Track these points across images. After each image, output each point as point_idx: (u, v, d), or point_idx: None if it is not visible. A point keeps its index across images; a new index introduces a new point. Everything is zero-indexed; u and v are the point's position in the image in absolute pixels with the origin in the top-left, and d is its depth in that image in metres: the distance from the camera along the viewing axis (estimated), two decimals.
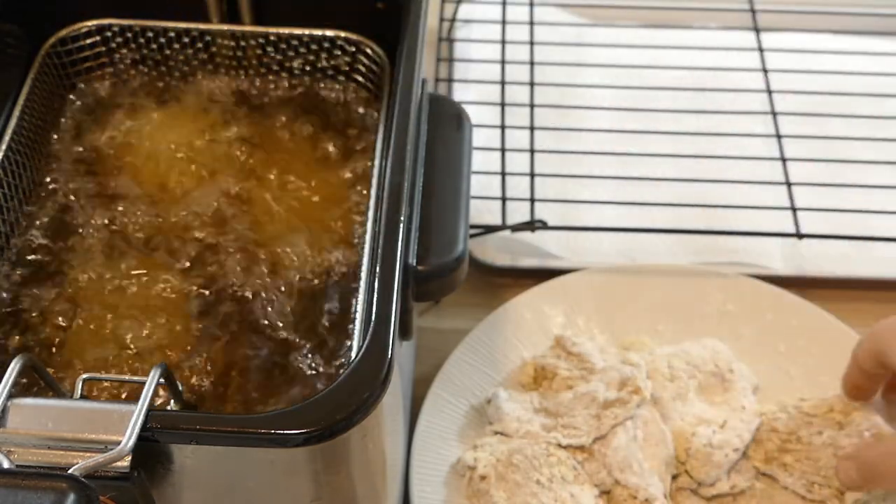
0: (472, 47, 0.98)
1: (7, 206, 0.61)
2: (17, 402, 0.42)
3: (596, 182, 0.86)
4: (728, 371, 0.73)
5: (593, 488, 0.67)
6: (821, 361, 0.75)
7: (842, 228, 0.83)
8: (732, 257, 0.82)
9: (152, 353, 0.56)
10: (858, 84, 0.95)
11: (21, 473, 0.38)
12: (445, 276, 0.54)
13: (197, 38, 0.68)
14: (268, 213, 0.63)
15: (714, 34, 1.01)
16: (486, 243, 0.82)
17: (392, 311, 0.46)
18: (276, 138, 0.67)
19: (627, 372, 0.70)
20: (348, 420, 0.43)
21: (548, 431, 0.69)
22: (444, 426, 0.71)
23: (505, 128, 0.89)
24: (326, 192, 0.64)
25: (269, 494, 0.47)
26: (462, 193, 0.58)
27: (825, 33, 1.01)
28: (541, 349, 0.75)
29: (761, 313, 0.77)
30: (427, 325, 0.79)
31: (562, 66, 0.96)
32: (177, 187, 0.64)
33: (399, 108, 0.56)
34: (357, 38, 0.68)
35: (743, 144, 0.90)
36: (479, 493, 0.67)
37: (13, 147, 0.61)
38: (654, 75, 0.96)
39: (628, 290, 0.78)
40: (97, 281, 0.59)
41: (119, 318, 0.58)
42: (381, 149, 0.63)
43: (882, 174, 0.88)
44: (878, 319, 0.80)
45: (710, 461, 0.67)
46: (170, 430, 0.42)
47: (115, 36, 0.68)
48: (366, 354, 0.45)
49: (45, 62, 0.66)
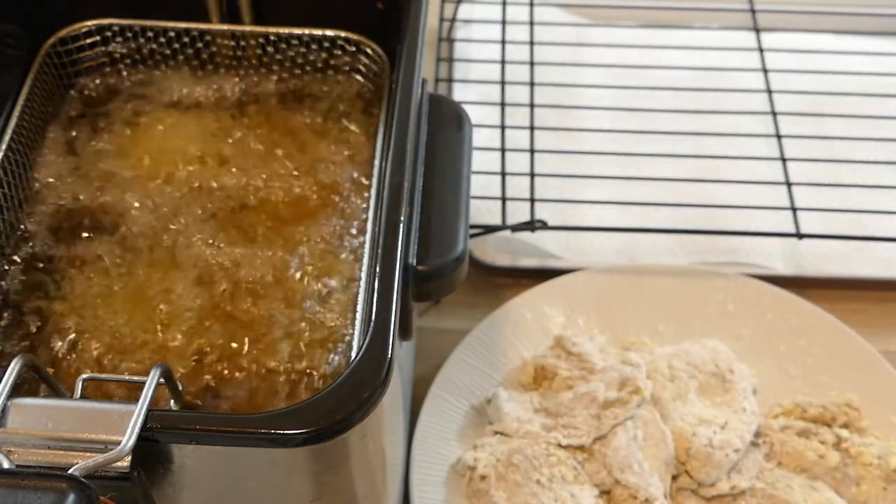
0: (472, 47, 0.98)
1: (7, 205, 0.60)
2: (17, 402, 0.42)
3: (596, 182, 0.86)
4: (728, 371, 0.73)
5: (593, 488, 0.67)
6: (821, 361, 0.75)
7: (842, 228, 0.83)
8: (732, 257, 0.82)
9: (152, 353, 0.56)
10: (858, 84, 0.95)
11: (21, 473, 0.38)
12: (445, 276, 0.53)
13: (197, 38, 0.68)
14: (267, 213, 0.63)
15: (714, 34, 1.01)
16: (486, 243, 0.82)
17: (392, 311, 0.46)
18: (275, 138, 0.67)
19: (627, 372, 0.70)
20: (348, 420, 0.42)
21: (548, 431, 0.69)
22: (444, 426, 0.71)
23: (505, 128, 0.89)
24: (326, 192, 0.64)
25: (269, 494, 0.47)
26: (462, 193, 0.58)
27: (825, 33, 1.01)
28: (541, 349, 0.75)
29: (761, 313, 0.77)
30: (427, 325, 0.79)
31: (562, 66, 0.96)
32: (177, 186, 0.64)
33: (399, 108, 0.56)
34: (357, 38, 0.68)
35: (743, 144, 0.90)
36: (479, 493, 0.67)
37: (13, 147, 0.61)
38: (654, 75, 0.96)
39: (628, 290, 0.78)
40: (97, 281, 0.59)
41: (118, 319, 0.58)
42: (381, 149, 0.63)
43: (882, 174, 0.88)
44: (878, 319, 0.81)
45: (710, 461, 0.67)
46: (170, 430, 0.42)
47: (115, 36, 0.68)
48: (366, 354, 0.45)
49: (44, 62, 0.66)
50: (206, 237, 0.61)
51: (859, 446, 0.68)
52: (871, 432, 0.71)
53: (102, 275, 0.60)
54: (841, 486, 0.68)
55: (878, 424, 0.72)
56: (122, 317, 0.58)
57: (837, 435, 0.69)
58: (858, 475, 0.68)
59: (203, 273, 0.60)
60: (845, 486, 0.68)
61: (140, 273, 0.60)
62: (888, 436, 0.71)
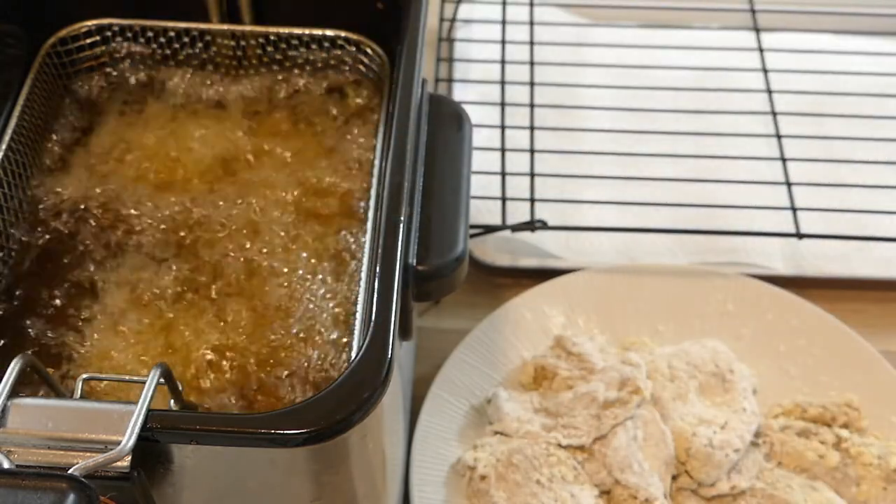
0: (472, 47, 0.98)
1: (7, 205, 0.61)
2: (17, 402, 0.42)
3: (596, 182, 0.86)
4: (728, 371, 0.73)
5: (593, 488, 0.67)
6: (821, 361, 0.75)
7: (842, 228, 0.83)
8: (732, 257, 0.82)
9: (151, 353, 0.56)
10: (858, 84, 0.95)
11: (21, 473, 0.38)
12: (445, 276, 0.54)
13: (197, 38, 0.68)
14: (267, 213, 0.63)
15: (714, 34, 1.01)
16: (486, 243, 0.82)
17: (392, 311, 0.46)
18: (275, 138, 0.67)
19: (627, 372, 0.70)
20: (348, 420, 0.42)
21: (548, 431, 0.69)
22: (444, 426, 0.71)
23: (505, 128, 0.89)
24: (326, 192, 0.64)
25: (269, 494, 0.47)
26: (462, 193, 0.58)
27: (825, 33, 1.01)
28: (541, 349, 0.75)
29: (761, 313, 0.77)
30: (427, 325, 0.79)
31: (562, 66, 0.96)
32: (177, 186, 0.64)
33: (399, 108, 0.56)
34: (357, 37, 0.68)
35: (743, 144, 0.90)
36: (479, 493, 0.67)
37: (13, 147, 0.61)
38: (654, 75, 0.96)
39: (628, 290, 0.78)
40: (97, 281, 0.59)
41: (119, 318, 0.58)
42: (381, 149, 0.63)
43: (882, 174, 0.88)
44: (878, 319, 0.81)
45: (710, 461, 0.67)
46: (170, 430, 0.42)
47: (115, 36, 0.68)
48: (366, 354, 0.45)
49: (44, 62, 0.66)
50: (207, 236, 0.61)
51: (859, 446, 0.68)
52: (871, 432, 0.71)
53: (104, 275, 0.60)
54: (841, 486, 0.68)
55: (878, 424, 0.72)
56: (123, 316, 0.58)
57: (837, 435, 0.69)
58: (858, 475, 0.68)
59: (203, 272, 0.60)
60: (845, 486, 0.68)
61: (141, 271, 0.60)
62: (888, 436, 0.71)
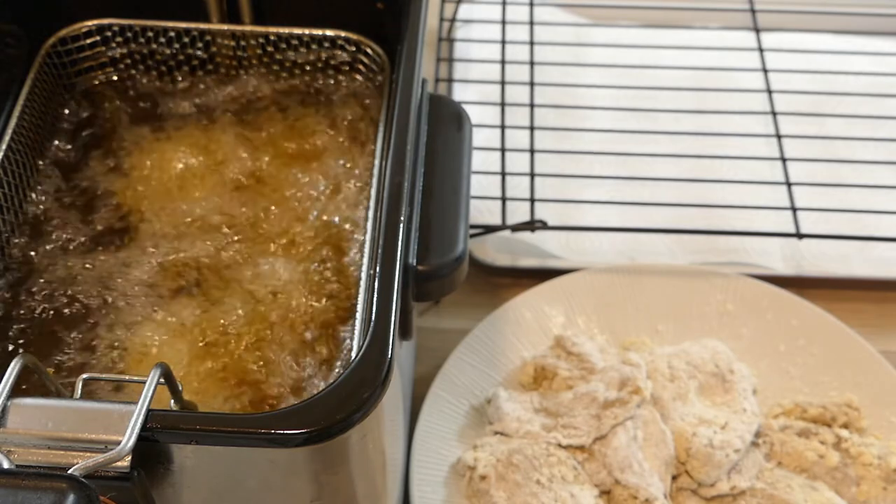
0: (472, 47, 0.98)
1: (7, 205, 0.61)
2: (17, 402, 0.42)
3: (596, 182, 0.86)
4: (728, 372, 0.73)
5: (593, 488, 0.67)
6: (821, 361, 0.75)
7: (842, 228, 0.83)
8: (732, 257, 0.82)
9: (151, 352, 0.56)
10: (858, 84, 0.95)
11: (21, 473, 0.38)
12: (445, 276, 0.54)
13: (197, 38, 0.68)
14: (267, 214, 0.63)
15: (714, 34, 1.01)
16: (486, 243, 0.82)
17: (392, 311, 0.46)
18: (275, 138, 0.67)
19: (627, 372, 0.70)
20: (348, 420, 0.42)
21: (548, 431, 0.69)
22: (444, 426, 0.71)
23: (505, 128, 0.89)
24: (326, 192, 0.64)
25: (269, 494, 0.47)
26: (462, 193, 0.58)
27: (825, 33, 1.01)
28: (541, 349, 0.75)
29: (761, 313, 0.77)
30: (427, 325, 0.79)
31: (562, 66, 0.96)
32: (177, 186, 0.64)
33: (399, 108, 0.56)
34: (357, 37, 0.68)
35: (743, 144, 0.90)
36: (479, 493, 0.67)
37: (13, 147, 0.61)
38: (654, 75, 0.96)
39: (628, 290, 0.78)
40: (96, 280, 0.59)
41: (118, 318, 0.58)
42: (381, 149, 0.63)
43: (882, 174, 0.88)
44: (877, 319, 0.81)
45: (710, 462, 0.67)
46: (170, 430, 0.42)
47: (115, 36, 0.68)
48: (366, 354, 0.44)
49: (45, 62, 0.66)
50: (206, 236, 0.61)
51: (859, 446, 0.68)
52: (871, 432, 0.72)
53: (103, 275, 0.60)
54: (841, 486, 0.68)
55: (878, 424, 0.72)
56: (122, 315, 0.58)
57: (837, 435, 0.69)
58: (858, 475, 0.68)
59: (204, 269, 0.60)
60: (845, 486, 0.68)
61: (141, 270, 0.60)
62: (888, 436, 0.71)
